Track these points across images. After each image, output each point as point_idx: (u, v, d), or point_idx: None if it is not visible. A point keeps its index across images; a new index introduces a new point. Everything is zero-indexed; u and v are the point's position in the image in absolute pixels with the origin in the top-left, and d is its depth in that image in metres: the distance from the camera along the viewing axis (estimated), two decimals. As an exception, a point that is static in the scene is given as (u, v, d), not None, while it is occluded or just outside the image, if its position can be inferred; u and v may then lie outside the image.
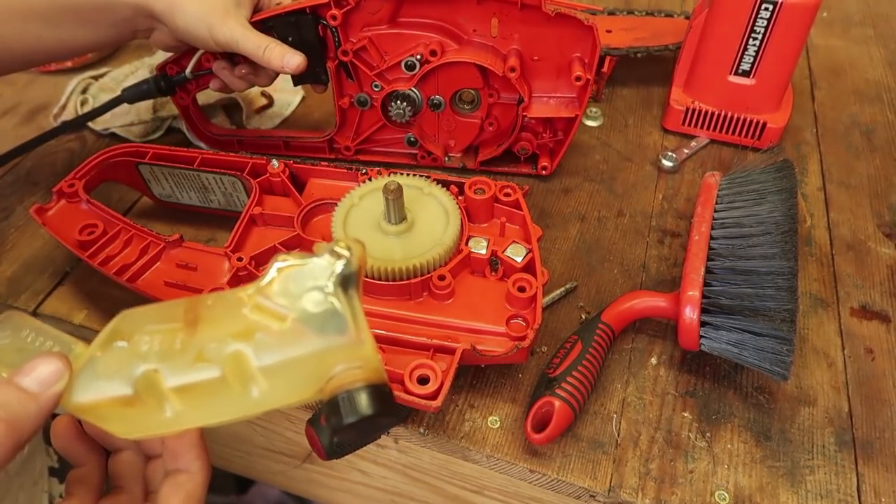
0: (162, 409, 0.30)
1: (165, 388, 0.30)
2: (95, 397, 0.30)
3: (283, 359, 0.30)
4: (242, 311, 0.30)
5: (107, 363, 0.30)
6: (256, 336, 0.30)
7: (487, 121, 0.67)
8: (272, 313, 0.30)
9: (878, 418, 0.52)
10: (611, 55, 0.80)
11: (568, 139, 0.67)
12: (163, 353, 0.30)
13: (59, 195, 0.59)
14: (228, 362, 0.30)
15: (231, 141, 0.74)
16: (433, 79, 0.64)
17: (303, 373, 0.30)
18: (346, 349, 0.30)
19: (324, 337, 0.30)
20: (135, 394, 0.30)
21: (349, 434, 0.30)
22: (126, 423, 0.30)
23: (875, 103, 0.84)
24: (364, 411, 0.29)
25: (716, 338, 0.51)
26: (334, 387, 0.30)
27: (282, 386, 0.30)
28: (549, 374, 0.50)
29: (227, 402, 0.30)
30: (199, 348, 0.30)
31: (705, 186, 0.61)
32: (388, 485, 0.66)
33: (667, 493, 0.47)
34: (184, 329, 0.31)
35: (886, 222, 0.68)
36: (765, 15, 0.66)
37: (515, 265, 0.53)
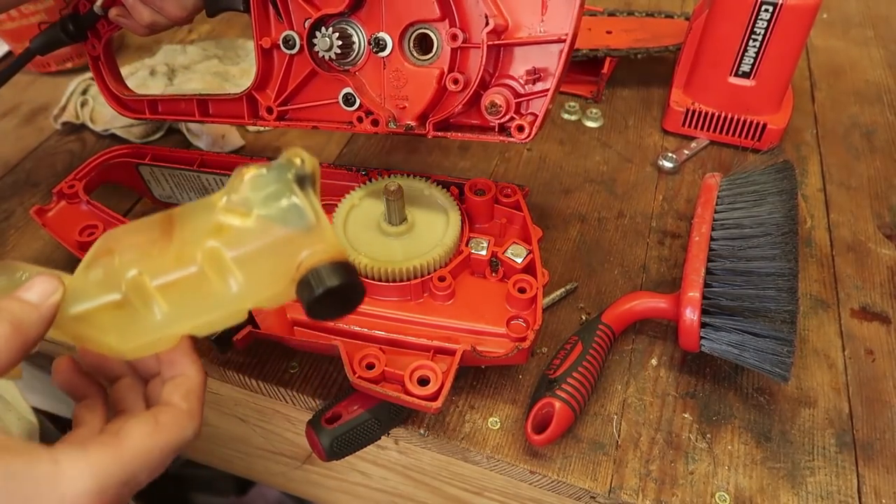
0: (150, 310, 0.33)
1: (151, 287, 0.32)
2: (89, 305, 0.33)
3: (253, 248, 0.33)
4: (212, 214, 0.34)
5: (95, 275, 0.33)
6: (227, 232, 0.33)
7: (451, 75, 0.50)
8: (240, 213, 0.33)
9: (879, 419, 0.52)
10: (611, 56, 0.80)
11: (554, 85, 0.48)
12: (144, 258, 0.33)
13: (60, 196, 0.59)
14: (205, 257, 0.32)
15: (142, 104, 0.65)
16: (377, 6, 0.50)
17: (273, 262, 0.33)
18: (308, 235, 0.33)
19: (287, 226, 0.33)
20: (124, 297, 0.32)
21: (323, 307, 0.33)
22: (120, 331, 0.33)
23: (875, 104, 0.84)
24: (330, 282, 0.32)
25: (716, 339, 0.50)
26: (303, 270, 0.33)
27: (256, 277, 0.33)
28: (550, 375, 0.50)
29: (210, 297, 0.33)
30: (177, 249, 0.33)
31: (705, 187, 0.61)
32: (389, 486, 0.66)
33: (667, 495, 0.47)
34: (161, 238, 0.34)
35: (887, 223, 0.68)
36: (765, 16, 0.67)
37: (516, 266, 0.53)
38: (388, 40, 0.51)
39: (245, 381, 0.54)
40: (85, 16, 0.59)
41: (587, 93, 0.83)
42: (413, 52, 0.51)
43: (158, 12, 0.56)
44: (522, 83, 0.50)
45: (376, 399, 0.48)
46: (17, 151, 0.76)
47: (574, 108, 0.80)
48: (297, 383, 0.53)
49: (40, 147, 0.76)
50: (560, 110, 0.81)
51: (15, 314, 0.30)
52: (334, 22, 0.52)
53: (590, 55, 0.79)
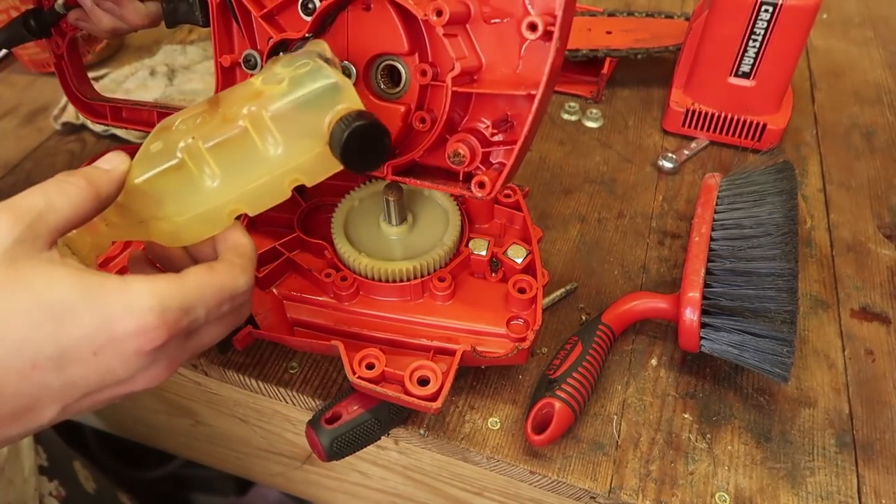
0: (203, 175, 0.37)
1: (203, 149, 0.37)
2: (152, 172, 0.37)
3: (288, 107, 0.37)
4: (251, 87, 0.39)
5: (156, 147, 0.38)
6: (265, 96, 0.38)
7: (418, 113, 0.46)
8: (275, 81, 0.38)
9: (879, 420, 0.52)
10: (611, 56, 0.80)
11: (521, 137, 0.42)
12: (196, 127, 0.38)
13: (60, 196, 0.58)
14: (247, 118, 0.37)
15: (104, 108, 0.64)
16: (341, 34, 0.46)
17: (305, 120, 0.38)
18: (333, 94, 0.38)
19: (314, 83, 0.38)
20: (181, 161, 0.37)
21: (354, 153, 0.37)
22: (178, 199, 0.37)
23: (875, 105, 0.84)
24: (357, 122, 0.36)
25: (716, 339, 0.50)
26: (332, 123, 0.37)
27: (293, 136, 0.38)
28: (550, 375, 0.50)
29: (255, 160, 0.38)
30: (222, 115, 0.38)
31: (705, 188, 0.61)
32: (388, 486, 0.66)
33: (667, 495, 0.47)
34: (209, 111, 0.39)
35: (887, 224, 0.68)
36: (765, 16, 0.67)
37: (516, 266, 0.53)
38: (352, 70, 0.47)
39: (245, 381, 0.54)
40: (48, 12, 0.58)
41: (587, 93, 0.84)
42: (380, 84, 0.47)
43: (119, 19, 0.57)
44: (491, 132, 0.45)
45: (376, 399, 0.48)
46: (17, 152, 0.76)
47: (574, 109, 0.80)
48: (297, 384, 0.53)
49: (40, 147, 0.76)
50: (560, 110, 0.81)
51: (89, 174, 0.35)
52: (296, 46, 0.48)
53: (590, 55, 0.79)
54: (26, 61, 0.86)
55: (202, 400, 0.66)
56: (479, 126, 0.46)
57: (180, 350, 0.35)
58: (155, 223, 0.38)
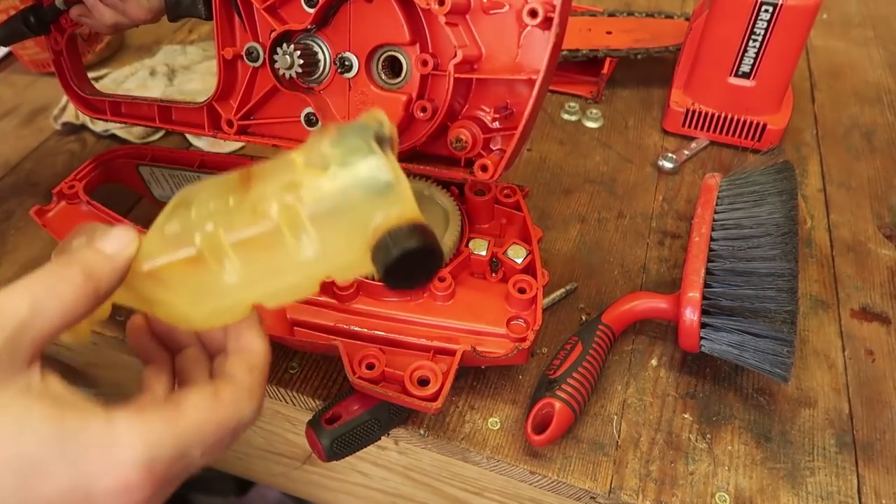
0: (223, 269, 0.32)
1: (225, 243, 0.32)
2: (163, 261, 0.32)
3: (330, 205, 0.31)
4: (291, 170, 0.32)
5: (171, 229, 0.33)
6: (305, 187, 0.32)
7: (419, 102, 0.47)
8: (318, 169, 0.32)
9: (879, 420, 0.52)
10: (611, 56, 0.80)
11: (521, 123, 0.45)
12: (221, 212, 0.32)
13: (60, 197, 0.59)
14: (281, 213, 0.31)
15: (104, 105, 0.62)
16: (343, 25, 0.47)
17: (348, 223, 0.32)
18: (386, 195, 0.31)
19: (365, 184, 0.31)
20: (198, 253, 0.32)
21: (399, 273, 0.31)
22: (192, 292, 0.33)
23: (875, 105, 0.84)
24: (408, 243, 0.30)
25: (716, 339, 0.50)
26: (379, 232, 0.31)
27: (331, 238, 0.32)
28: (550, 375, 0.50)
29: (283, 258, 0.32)
30: (253, 203, 0.32)
31: (705, 188, 0.61)
32: (389, 486, 0.66)
33: (667, 495, 0.47)
34: (239, 191, 0.33)
35: (887, 224, 0.68)
36: (765, 16, 0.67)
37: (516, 266, 0.53)
38: (354, 61, 0.48)
39: (245, 381, 0.54)
40: (48, 9, 0.57)
41: (587, 93, 0.84)
42: (381, 75, 0.48)
43: (121, 14, 0.55)
44: (491, 118, 0.47)
45: (376, 399, 0.48)
46: (17, 152, 0.76)
47: (574, 109, 0.80)
48: (297, 384, 0.53)
49: (40, 147, 0.76)
50: (560, 111, 0.81)
51: (88, 263, 0.30)
52: (299, 38, 0.49)
53: (590, 55, 0.79)
54: (26, 61, 0.86)
55: (202, 400, 0.66)
56: (479, 114, 0.47)
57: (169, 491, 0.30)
58: (162, 306, 0.34)
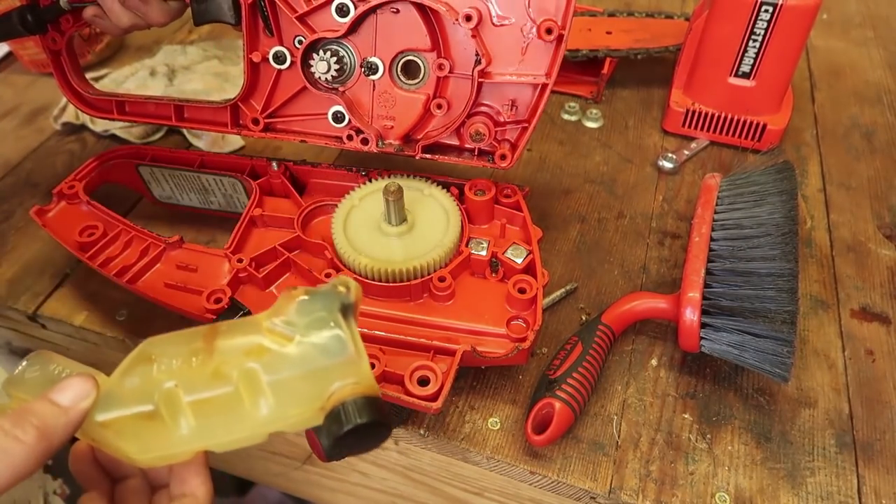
0: (178, 425, 0.33)
1: (184, 402, 0.33)
2: (119, 414, 0.33)
3: (291, 374, 0.33)
4: (256, 334, 0.34)
5: (131, 383, 0.33)
6: (267, 355, 0.33)
7: (436, 100, 0.54)
8: (282, 336, 0.34)
9: (879, 420, 0.52)
10: (611, 56, 0.80)
11: (534, 119, 0.53)
12: (182, 371, 0.33)
13: (60, 197, 0.59)
14: (241, 377, 0.33)
15: (109, 104, 0.62)
16: (370, 32, 0.53)
17: (306, 389, 0.33)
18: (345, 367, 0.33)
19: (326, 356, 0.33)
20: (155, 409, 0.33)
21: (349, 441, 0.33)
22: (142, 441, 0.33)
23: (875, 105, 0.84)
24: (359, 419, 0.32)
25: (716, 339, 0.50)
26: (334, 401, 0.33)
27: (288, 402, 0.34)
28: (550, 375, 0.50)
29: (238, 418, 0.34)
30: (215, 366, 0.33)
31: (705, 188, 0.61)
32: (389, 486, 0.66)
33: (667, 495, 0.47)
34: (203, 350, 0.34)
35: (887, 224, 0.68)
36: (765, 17, 0.67)
37: (516, 266, 0.53)
38: (379, 65, 0.54)
39: (245, 381, 0.54)
40: (46, 9, 0.56)
41: (587, 93, 0.84)
42: (400, 77, 0.55)
43: (141, 17, 0.55)
44: (502, 114, 0.55)
45: (376, 399, 0.48)
46: (18, 152, 0.76)
47: (574, 109, 0.80)
48: (297, 384, 0.53)
49: (40, 147, 0.76)
50: (560, 111, 0.81)
51: (43, 419, 0.30)
52: (325, 43, 0.54)
53: (590, 55, 0.79)
54: (26, 61, 0.86)
55: (202, 400, 0.66)
56: (489, 110, 0.55)
57: None
58: (111, 450, 0.34)
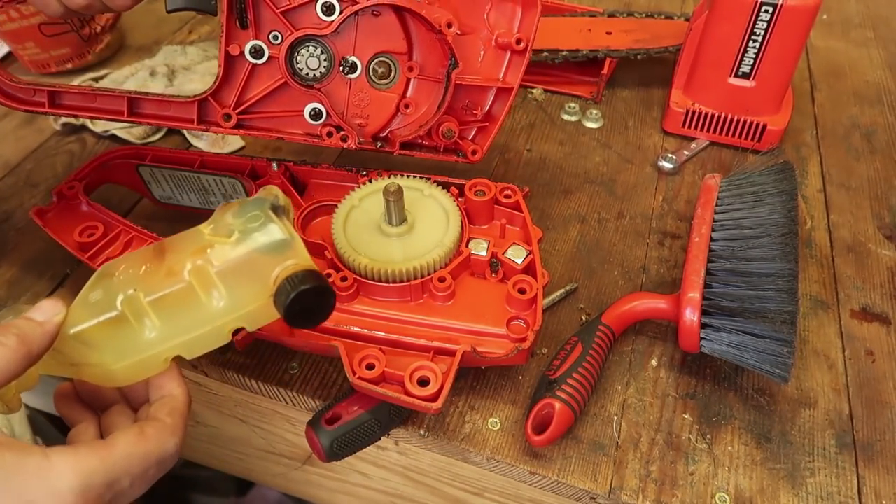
0: (143, 326, 0.37)
1: (144, 303, 0.36)
2: (88, 324, 0.36)
3: (234, 261, 0.37)
4: (199, 238, 0.38)
5: (95, 296, 0.37)
6: (212, 251, 0.37)
7: (404, 100, 0.58)
8: (223, 234, 0.38)
9: (879, 420, 0.52)
10: (611, 57, 0.80)
11: (501, 117, 0.59)
12: (140, 278, 0.37)
13: (60, 197, 0.59)
14: (192, 273, 0.37)
15: (40, 96, 0.56)
16: (350, 32, 0.55)
17: (252, 276, 0.37)
18: (282, 249, 0.38)
19: (263, 240, 0.38)
20: (120, 314, 0.36)
21: (298, 312, 0.37)
22: (115, 349, 0.37)
23: (875, 105, 0.84)
24: (303, 285, 0.36)
25: (716, 340, 0.50)
26: (279, 281, 0.37)
27: (238, 291, 0.38)
28: (550, 375, 0.50)
29: (197, 312, 0.37)
30: (167, 267, 0.37)
31: (705, 188, 0.61)
32: (389, 487, 0.66)
33: (667, 496, 0.47)
34: (154, 260, 0.38)
35: (887, 224, 0.68)
36: (765, 17, 0.67)
37: (516, 267, 0.53)
38: (358, 64, 0.56)
39: (245, 382, 0.54)
40: None
41: (587, 93, 0.84)
42: (373, 77, 0.57)
43: None
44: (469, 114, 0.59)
45: (376, 400, 0.48)
46: (17, 152, 0.76)
47: (574, 109, 0.80)
48: (297, 384, 0.53)
49: (40, 148, 0.76)
50: (560, 111, 0.81)
51: (22, 329, 0.34)
52: (307, 41, 0.54)
53: (590, 56, 0.79)
54: (26, 61, 0.86)
55: (202, 400, 0.66)
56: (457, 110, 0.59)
57: None
58: (87, 368, 0.37)
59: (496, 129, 0.59)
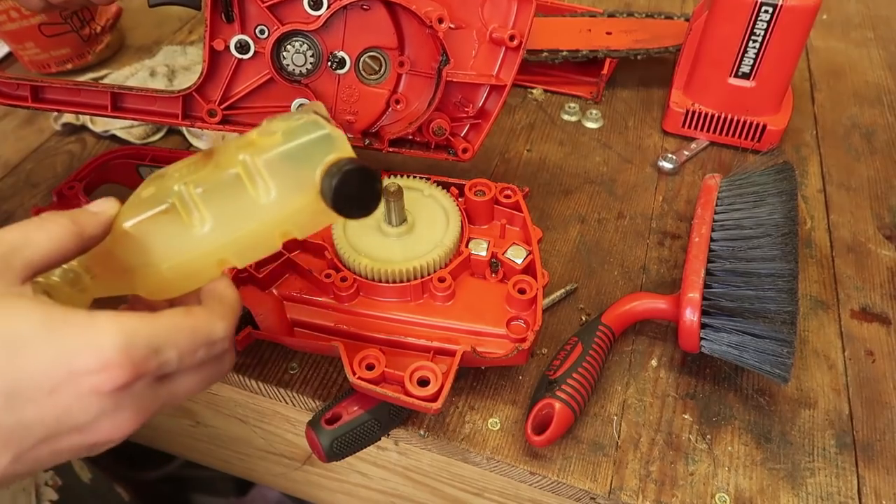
0: (193, 220, 0.37)
1: (194, 194, 0.36)
2: (141, 217, 0.36)
3: (281, 153, 0.37)
4: (247, 138, 0.39)
5: (147, 192, 0.37)
6: (258, 146, 0.37)
7: (394, 96, 0.57)
8: (269, 134, 0.38)
9: (879, 420, 0.52)
10: (611, 57, 0.80)
11: (493, 115, 0.58)
12: (189, 174, 0.37)
13: (59, 197, 0.59)
14: (239, 165, 0.37)
15: (23, 90, 0.55)
16: (339, 27, 0.54)
17: (299, 168, 0.37)
18: (325, 143, 0.37)
19: (309, 133, 0.38)
20: (171, 206, 0.36)
21: (346, 196, 0.37)
22: (167, 246, 0.37)
23: (875, 105, 0.84)
24: (348, 167, 0.36)
25: (716, 340, 0.50)
26: (324, 168, 0.37)
27: (285, 184, 0.37)
28: (550, 375, 0.50)
29: (246, 206, 0.37)
30: (215, 162, 0.38)
31: (705, 188, 0.61)
32: (388, 487, 0.66)
33: (667, 496, 0.47)
34: (203, 160, 0.38)
35: (886, 224, 0.68)
36: (765, 17, 0.67)
37: (516, 267, 0.53)
38: (347, 59, 0.55)
39: (245, 382, 0.54)
40: None
41: (587, 94, 0.83)
42: (363, 73, 0.56)
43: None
44: (461, 111, 0.58)
45: (376, 400, 0.48)
46: (17, 152, 0.76)
47: (574, 109, 0.80)
48: (297, 384, 0.53)
49: (40, 148, 0.76)
50: (560, 111, 0.81)
51: (77, 216, 0.35)
52: (294, 35, 0.54)
53: (590, 56, 0.79)
54: (26, 61, 0.86)
55: (202, 400, 0.66)
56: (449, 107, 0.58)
57: (149, 396, 0.32)
58: (140, 273, 0.37)
59: (489, 127, 0.58)
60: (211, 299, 0.37)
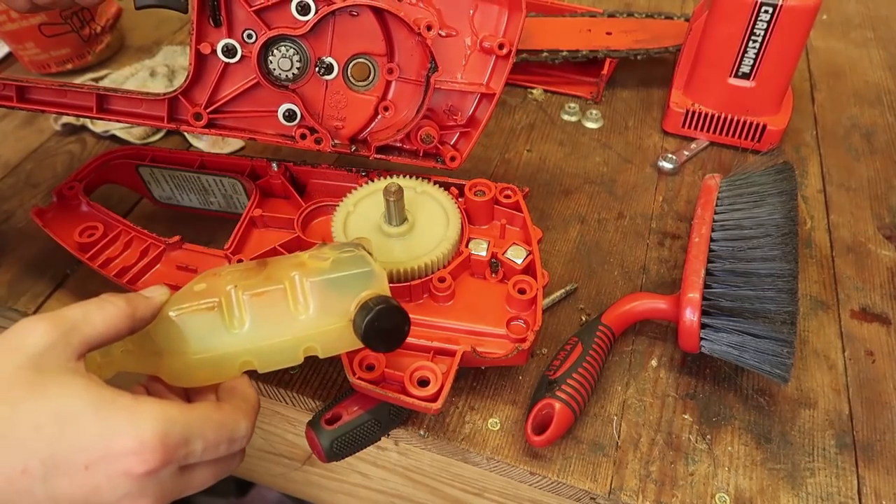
0: (233, 321, 0.40)
1: (242, 297, 0.40)
2: (188, 307, 0.40)
3: (326, 279, 0.41)
4: (298, 258, 0.43)
5: (199, 287, 0.41)
6: (308, 268, 0.42)
7: (383, 103, 0.57)
8: (321, 259, 0.42)
9: (879, 420, 0.52)
10: (611, 57, 0.80)
11: (483, 123, 0.57)
12: (241, 279, 0.41)
13: (60, 197, 0.59)
14: (287, 281, 0.41)
15: (7, 90, 0.55)
16: (326, 32, 0.53)
17: (338, 296, 0.41)
18: (368, 280, 0.42)
19: (354, 267, 0.42)
20: (217, 303, 0.40)
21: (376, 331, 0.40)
22: (201, 339, 0.40)
23: (875, 105, 0.84)
24: (384, 304, 0.40)
25: (716, 340, 0.50)
26: (362, 301, 0.41)
27: (322, 306, 0.41)
28: (550, 376, 0.50)
29: (283, 318, 0.41)
30: (266, 275, 0.42)
31: (705, 188, 0.61)
32: (388, 487, 0.66)
33: (667, 496, 0.47)
34: (255, 269, 0.43)
35: (886, 224, 0.68)
36: (765, 17, 0.67)
37: (516, 267, 0.53)
38: (335, 65, 0.55)
39: (245, 382, 0.54)
40: None
41: (587, 94, 0.84)
42: (351, 79, 0.56)
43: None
44: (449, 119, 0.58)
45: (376, 400, 0.48)
46: (18, 152, 0.76)
47: (574, 110, 0.80)
48: (297, 384, 0.53)
49: (40, 148, 0.76)
50: (560, 111, 0.81)
51: (130, 297, 0.38)
52: (281, 40, 0.53)
53: (590, 56, 0.79)
54: (26, 62, 0.86)
55: (202, 401, 0.66)
56: (436, 114, 0.58)
57: (170, 484, 0.34)
58: (170, 358, 0.40)
59: (478, 135, 0.58)
60: (235, 398, 0.39)
